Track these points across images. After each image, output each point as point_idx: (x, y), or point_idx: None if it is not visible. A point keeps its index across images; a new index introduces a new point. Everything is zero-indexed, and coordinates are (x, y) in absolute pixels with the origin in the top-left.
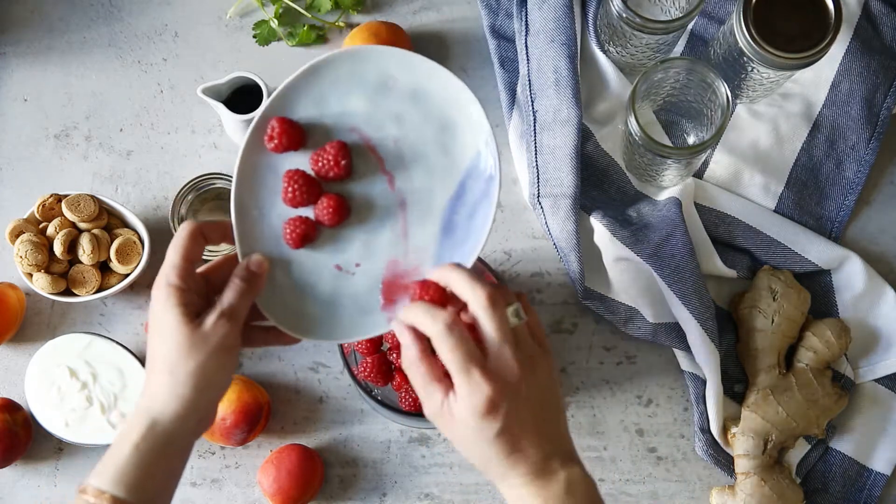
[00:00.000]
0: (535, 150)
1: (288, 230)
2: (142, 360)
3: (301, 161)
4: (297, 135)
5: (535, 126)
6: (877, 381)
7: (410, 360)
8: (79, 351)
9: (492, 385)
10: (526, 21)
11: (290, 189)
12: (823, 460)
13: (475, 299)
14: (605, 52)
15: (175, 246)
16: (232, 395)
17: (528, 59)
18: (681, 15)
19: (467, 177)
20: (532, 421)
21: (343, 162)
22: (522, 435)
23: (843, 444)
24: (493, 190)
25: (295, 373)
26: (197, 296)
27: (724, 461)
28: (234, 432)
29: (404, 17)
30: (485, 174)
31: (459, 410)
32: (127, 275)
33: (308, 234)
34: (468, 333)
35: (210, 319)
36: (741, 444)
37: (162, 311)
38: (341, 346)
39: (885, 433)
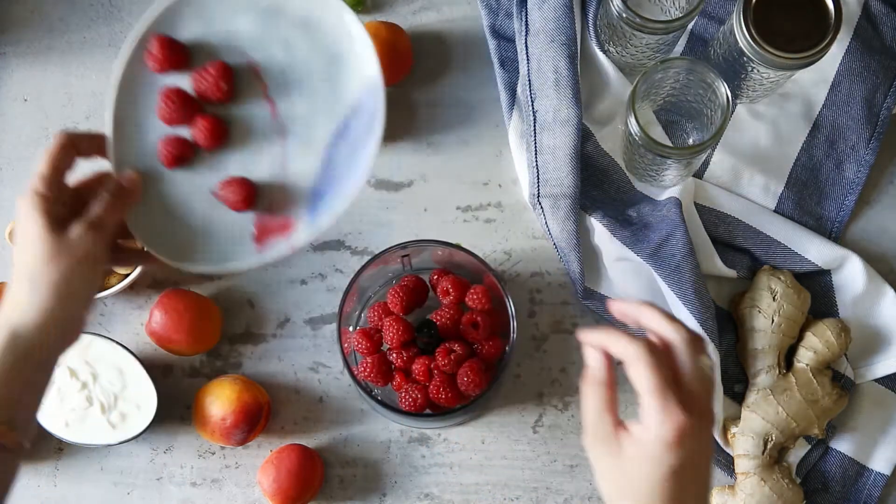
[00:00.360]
0: (535, 150)
1: (163, 149)
2: (143, 361)
3: (183, 80)
4: (179, 54)
5: (535, 126)
6: (877, 381)
7: (594, 380)
8: (79, 351)
9: (687, 415)
10: (526, 21)
11: (164, 106)
12: (823, 460)
13: (677, 334)
14: (605, 52)
15: (44, 155)
16: (232, 395)
17: (528, 59)
18: (681, 15)
19: (352, 114)
20: (702, 475)
21: (223, 84)
22: (691, 485)
23: (843, 444)
24: (377, 127)
25: (295, 373)
26: (64, 207)
27: (724, 461)
28: (234, 432)
29: (404, 17)
30: (369, 111)
31: (640, 436)
32: (127, 275)
33: (183, 155)
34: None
35: (75, 229)
36: (741, 444)
37: (26, 220)
38: (341, 346)
39: (885, 433)
